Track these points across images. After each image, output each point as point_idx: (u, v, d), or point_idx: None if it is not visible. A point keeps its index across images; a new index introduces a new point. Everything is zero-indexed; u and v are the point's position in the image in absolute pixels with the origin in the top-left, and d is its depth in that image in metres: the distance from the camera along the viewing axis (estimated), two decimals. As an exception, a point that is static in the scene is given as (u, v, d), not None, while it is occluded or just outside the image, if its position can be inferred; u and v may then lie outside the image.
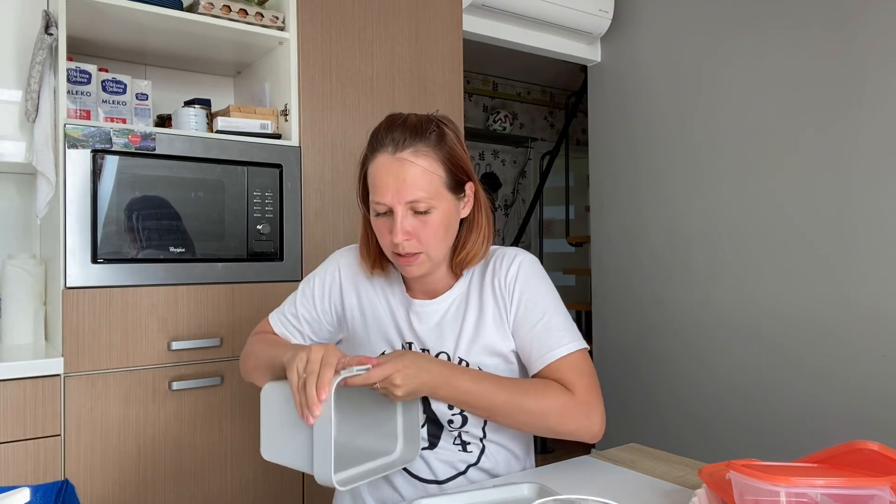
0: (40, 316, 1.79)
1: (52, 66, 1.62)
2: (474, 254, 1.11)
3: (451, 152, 1.05)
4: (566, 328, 1.08)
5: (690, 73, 2.68)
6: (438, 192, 1.03)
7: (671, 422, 2.76)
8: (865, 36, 2.15)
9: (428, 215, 1.03)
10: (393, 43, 2.15)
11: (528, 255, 1.14)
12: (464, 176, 1.08)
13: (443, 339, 1.12)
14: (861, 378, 2.16)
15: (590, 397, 1.04)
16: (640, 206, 2.90)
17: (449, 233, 1.07)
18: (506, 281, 1.10)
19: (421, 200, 1.01)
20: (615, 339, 3.02)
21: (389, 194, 1.01)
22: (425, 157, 1.02)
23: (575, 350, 1.06)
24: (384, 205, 1.03)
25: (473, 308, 1.12)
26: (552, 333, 1.06)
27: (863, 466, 0.78)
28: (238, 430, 1.79)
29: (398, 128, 1.03)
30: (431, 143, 1.03)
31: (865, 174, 2.15)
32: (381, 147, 1.03)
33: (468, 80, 4.68)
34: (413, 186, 1.01)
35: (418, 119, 1.05)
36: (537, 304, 1.08)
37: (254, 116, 1.91)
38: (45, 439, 1.53)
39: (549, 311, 1.08)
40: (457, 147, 1.06)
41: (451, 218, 1.07)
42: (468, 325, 1.11)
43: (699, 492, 0.84)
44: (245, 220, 1.83)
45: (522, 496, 0.92)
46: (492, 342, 1.10)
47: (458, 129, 1.10)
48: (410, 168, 1.01)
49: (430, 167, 1.02)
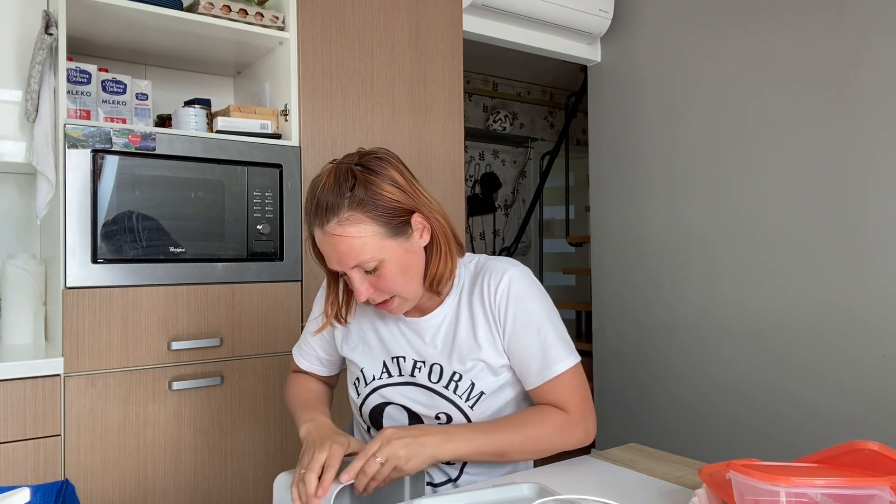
0: (40, 316, 1.79)
1: (52, 66, 1.62)
2: (441, 274, 1.08)
3: (379, 201, 0.99)
4: (560, 343, 1.09)
5: (690, 73, 2.68)
6: (380, 247, 1.00)
7: (671, 422, 2.76)
8: (865, 33, 2.15)
9: (380, 270, 1.02)
10: (393, 43, 2.15)
11: (517, 269, 1.12)
12: (403, 215, 1.03)
13: (436, 352, 1.12)
14: (861, 378, 2.16)
15: (584, 412, 1.09)
16: (640, 206, 2.90)
17: (411, 272, 1.05)
18: (496, 299, 1.09)
19: (364, 263, 1.01)
20: (615, 339, 3.02)
21: (335, 263, 1.02)
22: (351, 223, 0.98)
23: (569, 367, 1.08)
24: (337, 271, 1.04)
25: (465, 323, 1.12)
26: (548, 350, 1.08)
27: (863, 466, 0.78)
28: (238, 430, 1.79)
29: (314, 209, 1.01)
30: (354, 205, 0.98)
31: (865, 174, 2.15)
32: (312, 224, 1.03)
33: (468, 80, 4.68)
34: (349, 256, 1.00)
35: (334, 182, 1.00)
36: (531, 321, 1.08)
37: (254, 116, 1.91)
38: (45, 439, 1.53)
39: (542, 328, 1.08)
40: (385, 190, 1.00)
41: (407, 259, 1.04)
42: (460, 339, 1.11)
43: (699, 492, 0.84)
44: (245, 220, 1.83)
45: (522, 496, 0.92)
46: (484, 356, 1.10)
47: (387, 162, 1.04)
48: (341, 241, 0.99)
49: (360, 231, 0.99)
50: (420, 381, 1.12)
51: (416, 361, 1.13)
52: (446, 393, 1.10)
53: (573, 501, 0.84)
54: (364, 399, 1.17)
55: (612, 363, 3.04)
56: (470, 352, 1.10)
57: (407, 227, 1.04)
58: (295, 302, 1.90)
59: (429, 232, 1.07)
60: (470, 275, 1.15)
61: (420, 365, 1.13)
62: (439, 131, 2.26)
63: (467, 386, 1.10)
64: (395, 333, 1.16)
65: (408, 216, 1.03)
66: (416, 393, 1.13)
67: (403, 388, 1.14)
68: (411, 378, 1.13)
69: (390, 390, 1.14)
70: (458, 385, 1.10)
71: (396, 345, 1.15)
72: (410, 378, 1.13)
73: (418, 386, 1.12)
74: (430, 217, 1.06)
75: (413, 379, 1.13)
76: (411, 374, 1.13)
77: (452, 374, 1.10)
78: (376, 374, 1.16)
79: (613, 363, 3.03)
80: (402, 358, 1.14)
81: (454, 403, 1.10)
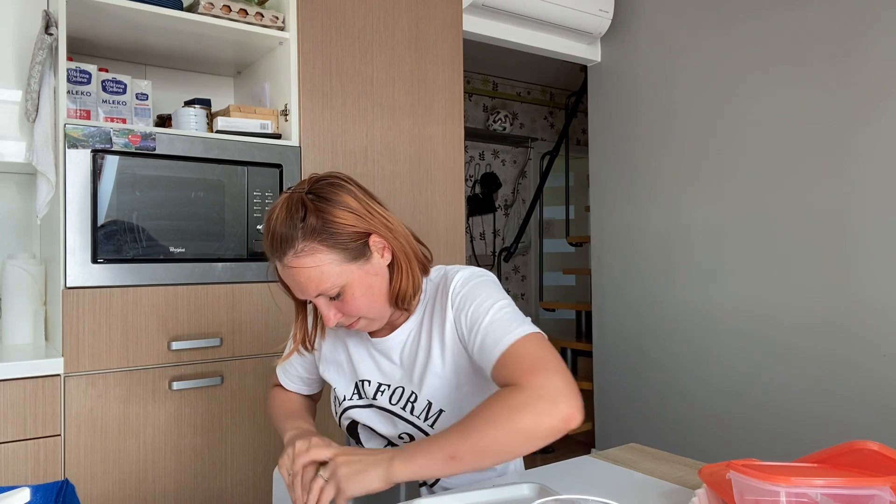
0: (40, 316, 1.79)
1: (52, 66, 1.62)
2: (405, 291, 1.07)
3: (333, 228, 0.98)
4: (508, 319, 1.00)
5: (690, 73, 2.68)
6: (339, 273, 0.99)
7: (671, 422, 2.76)
8: (865, 33, 2.15)
9: (343, 295, 1.01)
10: (393, 43, 2.15)
11: (468, 269, 1.10)
12: (360, 238, 1.01)
13: (401, 371, 1.12)
14: (861, 378, 2.16)
15: (539, 383, 0.89)
16: (640, 206, 2.90)
17: (375, 293, 1.04)
18: (449, 298, 1.07)
19: (326, 291, 1.00)
20: (615, 338, 3.02)
21: (299, 294, 1.02)
22: (307, 254, 0.97)
23: (515, 339, 0.96)
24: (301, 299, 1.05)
25: (425, 337, 1.10)
26: (493, 329, 0.99)
27: (863, 466, 0.78)
28: (238, 430, 1.79)
29: (271, 236, 1.00)
30: (307, 236, 0.97)
31: (866, 173, 2.15)
32: (271, 258, 1.02)
33: (468, 80, 4.68)
34: (310, 285, 0.99)
35: (286, 214, 0.99)
36: (479, 307, 1.03)
37: (254, 116, 1.91)
38: (45, 439, 1.53)
39: (489, 311, 1.01)
40: (338, 217, 0.99)
41: (369, 281, 1.03)
42: (420, 355, 1.10)
43: (699, 492, 0.84)
44: (245, 220, 1.83)
45: (522, 496, 0.92)
46: (440, 370, 1.08)
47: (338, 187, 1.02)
48: (300, 273, 0.98)
49: (317, 261, 0.98)
50: (381, 404, 1.13)
51: (380, 384, 1.13)
52: (404, 415, 1.10)
53: (573, 501, 0.84)
54: (339, 417, 1.20)
55: (611, 363, 3.04)
56: (427, 368, 1.08)
57: (365, 249, 1.02)
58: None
59: (389, 251, 1.05)
60: (433, 285, 1.13)
61: (384, 388, 1.13)
62: (439, 131, 2.26)
63: (424, 405, 1.08)
64: (364, 356, 1.16)
65: (365, 238, 1.02)
66: (377, 416, 1.14)
67: (366, 410, 1.15)
68: (373, 401, 1.14)
69: (357, 412, 1.16)
70: (413, 406, 1.09)
71: (364, 367, 1.15)
72: (372, 401, 1.14)
73: (380, 409, 1.13)
74: (387, 237, 1.04)
75: (374, 402, 1.13)
76: (373, 397, 1.13)
77: (410, 394, 1.10)
78: (347, 394, 1.17)
79: (613, 363, 3.03)
80: (367, 381, 1.15)
81: (413, 424, 1.10)
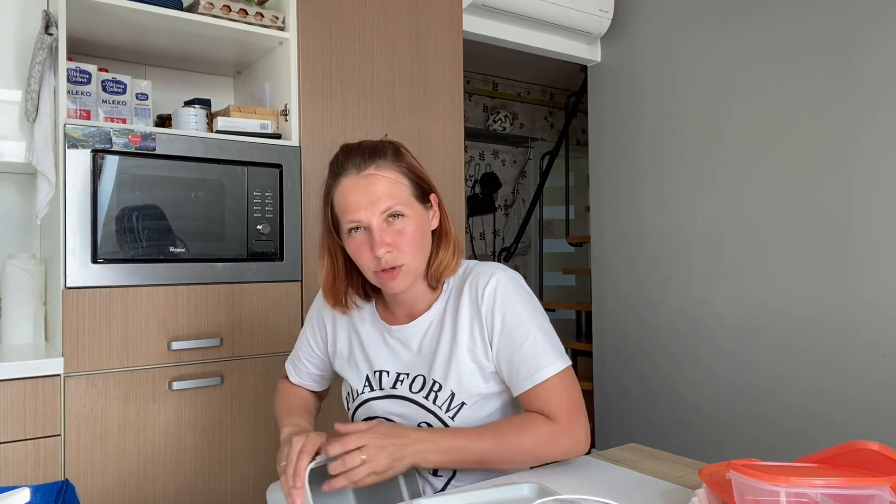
0: (40, 316, 1.79)
1: (52, 66, 1.62)
2: (447, 264, 1.12)
3: (411, 165, 1.10)
4: (548, 346, 1.07)
5: (690, 73, 2.68)
6: (408, 201, 1.07)
7: (671, 422, 2.76)
8: (865, 34, 2.15)
9: (403, 223, 1.06)
10: (393, 43, 2.15)
11: (505, 273, 1.12)
12: (427, 186, 1.12)
13: (421, 360, 1.12)
14: (861, 378, 2.16)
15: (571, 419, 1.05)
16: (640, 206, 2.90)
17: (424, 241, 1.10)
18: (484, 302, 1.09)
19: (393, 206, 1.05)
20: (615, 338, 3.02)
21: (362, 210, 1.04)
22: (391, 169, 1.07)
23: (557, 372, 1.05)
24: (359, 222, 1.05)
25: (448, 330, 1.11)
26: (537, 353, 1.06)
27: (863, 466, 0.78)
28: (238, 430, 1.79)
29: (356, 151, 1.08)
30: (390, 159, 1.08)
31: (866, 172, 2.15)
32: (344, 171, 1.07)
33: (468, 80, 4.68)
34: (384, 196, 1.05)
35: (372, 142, 1.11)
36: (521, 324, 1.07)
37: (254, 116, 1.91)
38: (45, 439, 1.53)
39: (531, 331, 1.07)
40: (414, 162, 1.12)
41: (424, 226, 1.10)
42: (443, 347, 1.11)
43: (699, 492, 0.84)
44: (245, 220, 1.83)
45: (522, 496, 0.92)
46: (465, 365, 1.09)
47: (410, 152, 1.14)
48: (378, 181, 1.05)
49: (396, 178, 1.07)
50: (401, 392, 1.13)
51: (398, 374, 1.14)
52: (426, 403, 1.10)
53: (573, 501, 0.84)
54: (353, 413, 1.20)
55: (611, 363, 3.04)
56: (450, 360, 1.09)
57: (427, 200, 1.12)
58: (295, 302, 1.90)
59: (438, 218, 1.13)
60: (458, 279, 1.15)
61: (403, 377, 1.13)
62: (439, 131, 2.26)
63: (447, 396, 1.09)
64: (379, 345, 1.17)
65: (430, 191, 1.12)
66: (397, 405, 1.13)
67: (385, 401, 1.15)
68: (392, 391, 1.14)
69: (375, 404, 1.16)
70: (437, 395, 1.10)
71: (380, 357, 1.16)
72: (392, 391, 1.14)
73: (399, 398, 1.13)
74: (442, 204, 1.14)
75: (394, 391, 1.14)
76: (392, 386, 1.14)
77: (433, 383, 1.10)
78: (359, 388, 1.18)
79: (613, 363, 3.03)
80: (385, 372, 1.15)
81: (434, 414, 1.10)
